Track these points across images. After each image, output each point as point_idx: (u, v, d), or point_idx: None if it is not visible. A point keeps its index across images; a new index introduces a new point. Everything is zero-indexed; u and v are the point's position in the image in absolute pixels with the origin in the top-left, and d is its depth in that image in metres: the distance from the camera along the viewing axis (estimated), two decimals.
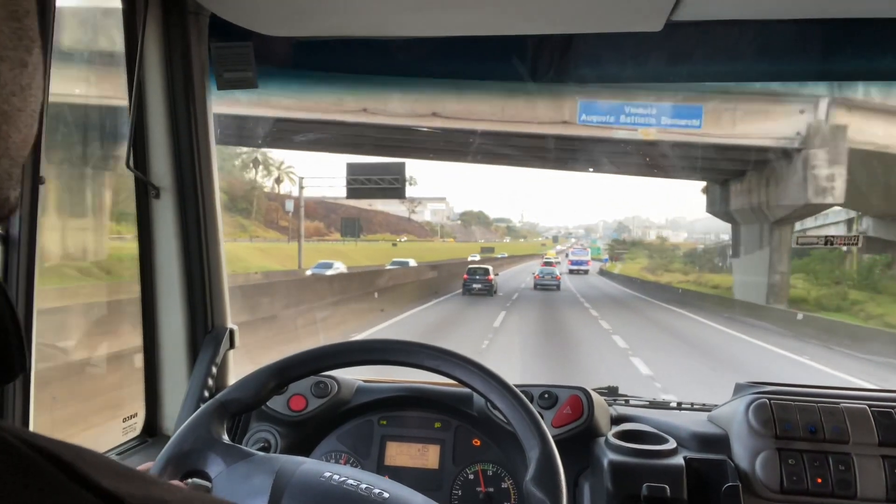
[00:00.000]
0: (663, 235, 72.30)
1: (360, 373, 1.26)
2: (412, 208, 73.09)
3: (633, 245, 66.44)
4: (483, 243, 67.37)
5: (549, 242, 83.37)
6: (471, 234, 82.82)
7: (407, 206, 71.66)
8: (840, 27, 1.31)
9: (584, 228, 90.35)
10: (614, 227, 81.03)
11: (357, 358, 0.98)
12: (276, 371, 0.95)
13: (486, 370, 0.93)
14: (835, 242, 9.27)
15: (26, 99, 0.33)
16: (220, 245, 1.44)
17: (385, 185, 8.10)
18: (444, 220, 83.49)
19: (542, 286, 24.14)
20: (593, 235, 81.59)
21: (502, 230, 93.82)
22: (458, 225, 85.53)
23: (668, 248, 57.53)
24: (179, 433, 0.87)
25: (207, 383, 1.34)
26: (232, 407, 0.92)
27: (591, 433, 1.23)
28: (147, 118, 1.33)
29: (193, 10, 1.33)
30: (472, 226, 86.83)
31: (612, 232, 78.53)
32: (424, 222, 77.26)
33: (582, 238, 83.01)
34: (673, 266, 41.16)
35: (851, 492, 1.08)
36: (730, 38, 1.36)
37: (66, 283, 1.69)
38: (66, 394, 1.57)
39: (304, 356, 0.97)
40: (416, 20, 1.28)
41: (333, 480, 0.77)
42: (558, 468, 0.84)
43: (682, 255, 48.46)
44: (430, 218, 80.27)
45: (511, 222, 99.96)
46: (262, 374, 0.94)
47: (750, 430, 1.15)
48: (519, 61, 1.47)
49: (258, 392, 0.93)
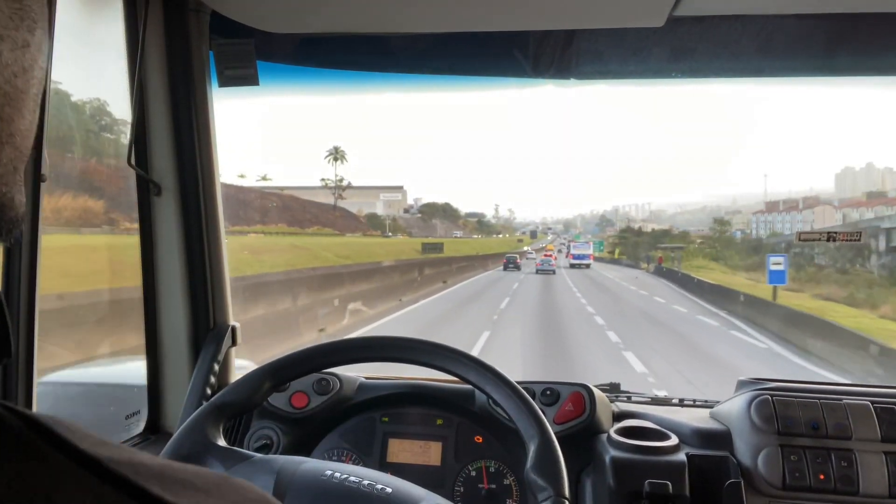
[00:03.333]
0: (646, 229, 67.17)
1: (362, 370, 1.26)
2: (339, 194, 59.70)
3: (647, 235, 58.74)
4: (428, 239, 56.01)
5: (526, 238, 78.02)
6: (432, 230, 71.65)
7: (334, 191, 58.73)
8: (842, 22, 1.31)
9: (563, 223, 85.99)
10: (596, 220, 77.94)
11: (351, 356, 0.99)
12: (270, 372, 0.95)
13: (482, 363, 0.94)
14: (837, 238, 9.17)
15: (29, 81, 0.33)
16: (222, 242, 1.44)
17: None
18: (399, 212, 70.51)
19: (542, 271, 34.04)
20: (573, 230, 78.74)
21: (472, 225, 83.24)
22: (417, 219, 73.49)
23: (729, 239, 44.93)
24: (176, 438, 0.87)
25: (209, 381, 1.34)
26: (227, 410, 0.92)
27: (593, 430, 1.23)
28: (148, 115, 1.33)
29: (194, 8, 1.33)
30: (433, 220, 75.43)
31: (594, 226, 75.41)
32: (364, 214, 64.74)
33: (561, 234, 79.95)
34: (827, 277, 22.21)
35: (854, 488, 1.08)
36: (732, 33, 1.35)
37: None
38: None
39: (297, 356, 0.97)
40: (417, 16, 1.28)
41: (335, 478, 0.78)
42: (558, 455, 0.84)
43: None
44: (383, 210, 67.99)
45: (485, 217, 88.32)
46: (256, 376, 0.94)
47: (752, 427, 1.15)
48: (520, 57, 1.47)
49: (253, 394, 0.93)
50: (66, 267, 1.68)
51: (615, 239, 67.52)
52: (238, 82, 1.40)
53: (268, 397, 0.98)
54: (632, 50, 1.45)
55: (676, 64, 1.50)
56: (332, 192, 59.73)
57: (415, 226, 70.20)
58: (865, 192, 51.55)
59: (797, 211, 45.71)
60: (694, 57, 1.46)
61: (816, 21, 1.32)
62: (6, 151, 0.32)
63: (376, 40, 1.46)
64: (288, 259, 22.05)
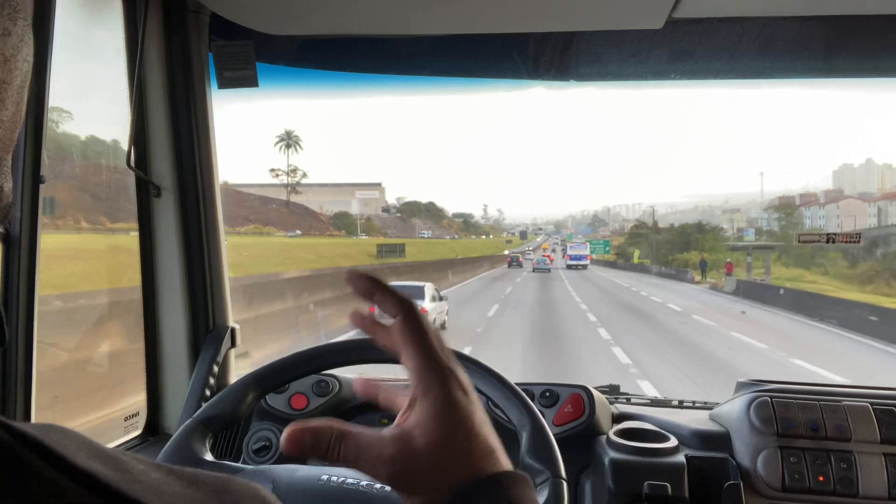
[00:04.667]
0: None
1: (361, 372, 1.26)
2: (292, 187, 55.44)
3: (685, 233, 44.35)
4: (385, 240, 52.17)
5: (515, 239, 75.06)
6: (410, 230, 66.01)
7: (287, 187, 54.11)
8: (840, 24, 1.31)
9: (554, 224, 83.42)
10: (587, 220, 75.27)
11: (334, 360, 0.98)
12: (253, 382, 0.94)
13: (470, 358, 0.93)
14: (836, 240, 9.14)
15: (11, 70, 0.32)
16: (222, 244, 1.44)
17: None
18: (377, 211, 64.31)
19: (538, 269, 33.24)
20: (564, 231, 76.66)
21: (457, 225, 77.92)
22: (396, 218, 67.86)
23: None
24: (162, 456, 0.87)
25: (209, 382, 1.34)
26: (212, 424, 0.91)
27: (593, 431, 1.23)
28: (148, 117, 1.33)
29: (194, 9, 1.33)
30: (414, 219, 69.25)
31: (585, 227, 72.81)
32: (326, 214, 59.53)
33: (552, 234, 77.92)
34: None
35: (853, 490, 1.08)
36: (730, 35, 1.35)
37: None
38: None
39: (279, 364, 0.96)
40: (416, 18, 1.28)
41: (332, 482, 0.78)
42: (550, 439, 0.84)
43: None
44: (358, 209, 61.45)
45: (473, 217, 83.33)
46: (239, 387, 0.93)
47: (751, 428, 1.15)
48: (520, 59, 1.47)
49: (237, 406, 0.92)
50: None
51: (627, 238, 58.33)
52: (237, 84, 1.40)
53: (253, 407, 0.97)
54: (631, 52, 1.45)
55: (675, 65, 1.50)
56: (285, 187, 54.76)
57: (392, 226, 64.39)
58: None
59: (818, 205, 41.36)
60: (693, 59, 1.46)
61: (815, 23, 1.33)
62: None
63: (375, 42, 1.46)
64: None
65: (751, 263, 24.65)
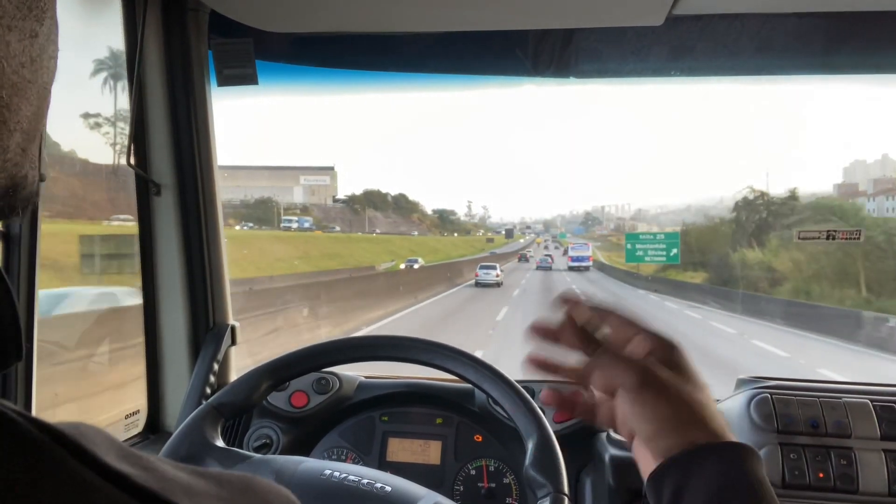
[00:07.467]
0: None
1: (361, 369, 1.26)
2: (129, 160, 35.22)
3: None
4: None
5: (499, 238, 72.13)
6: (362, 225, 54.80)
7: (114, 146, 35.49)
8: (841, 21, 1.31)
9: (543, 223, 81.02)
10: (578, 219, 72.84)
11: (350, 355, 0.99)
12: (268, 372, 0.95)
13: (480, 361, 0.94)
14: (836, 237, 9.13)
15: (36, 71, 0.33)
16: (222, 242, 1.44)
17: None
18: (327, 201, 52.91)
19: (541, 268, 32.78)
20: (553, 230, 74.70)
21: (431, 220, 68.87)
22: (347, 209, 56.11)
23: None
24: (174, 439, 0.87)
25: (209, 380, 1.34)
26: (225, 410, 0.92)
27: (593, 428, 1.23)
28: (147, 115, 1.33)
29: (193, 7, 1.33)
30: (374, 211, 58.48)
31: (577, 226, 70.86)
32: (252, 201, 41.68)
33: (542, 234, 76.17)
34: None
35: (853, 486, 1.08)
36: (731, 31, 1.35)
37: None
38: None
39: (294, 356, 0.97)
40: (416, 15, 1.28)
41: (334, 478, 0.78)
42: (556, 452, 0.85)
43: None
44: (303, 197, 49.24)
45: (454, 214, 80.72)
46: (255, 376, 0.94)
47: (751, 425, 1.15)
48: (520, 56, 1.47)
49: (251, 394, 0.93)
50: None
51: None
52: (237, 81, 1.40)
53: (266, 397, 0.98)
54: (631, 49, 1.45)
55: (675, 63, 1.50)
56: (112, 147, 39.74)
57: (339, 219, 52.44)
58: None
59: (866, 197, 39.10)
60: (693, 56, 1.46)
61: (815, 19, 1.32)
62: (15, 138, 0.32)
63: (375, 39, 1.46)
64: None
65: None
